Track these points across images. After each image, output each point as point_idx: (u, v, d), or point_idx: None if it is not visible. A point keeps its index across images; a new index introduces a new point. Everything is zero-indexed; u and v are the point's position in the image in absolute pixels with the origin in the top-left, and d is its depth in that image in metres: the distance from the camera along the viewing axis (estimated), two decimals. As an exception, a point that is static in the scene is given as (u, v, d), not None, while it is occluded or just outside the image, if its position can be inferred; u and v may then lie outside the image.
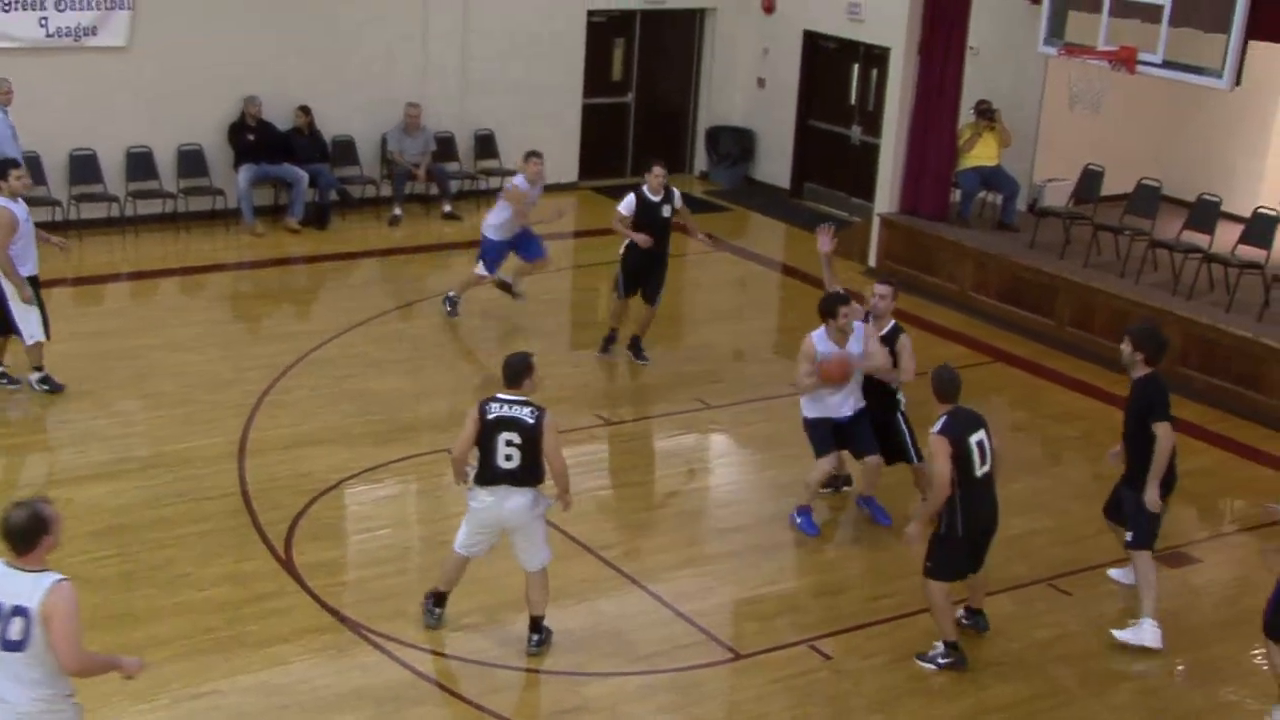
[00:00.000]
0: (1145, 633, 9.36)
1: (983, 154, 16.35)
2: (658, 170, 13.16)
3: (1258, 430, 12.69)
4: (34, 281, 11.76)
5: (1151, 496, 9.17)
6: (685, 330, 14.00)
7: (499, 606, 9.18)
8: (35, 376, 12.06)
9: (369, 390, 12.60)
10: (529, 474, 8.43)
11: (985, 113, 16.35)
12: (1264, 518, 10.88)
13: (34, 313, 11.74)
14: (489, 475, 8.43)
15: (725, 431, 12.56)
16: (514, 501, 8.47)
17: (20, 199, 11.62)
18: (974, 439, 8.69)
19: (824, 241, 11.07)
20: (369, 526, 10.43)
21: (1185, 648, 9.43)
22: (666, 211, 13.21)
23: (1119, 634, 9.41)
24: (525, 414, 8.37)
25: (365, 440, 11.61)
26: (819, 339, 10.22)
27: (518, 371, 8.47)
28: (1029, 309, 15.13)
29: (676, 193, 13.35)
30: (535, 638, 8.83)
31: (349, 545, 10.18)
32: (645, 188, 13.14)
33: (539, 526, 8.66)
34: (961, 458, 8.61)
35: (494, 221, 14.01)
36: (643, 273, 13.30)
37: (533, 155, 14.00)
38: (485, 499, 8.51)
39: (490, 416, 8.38)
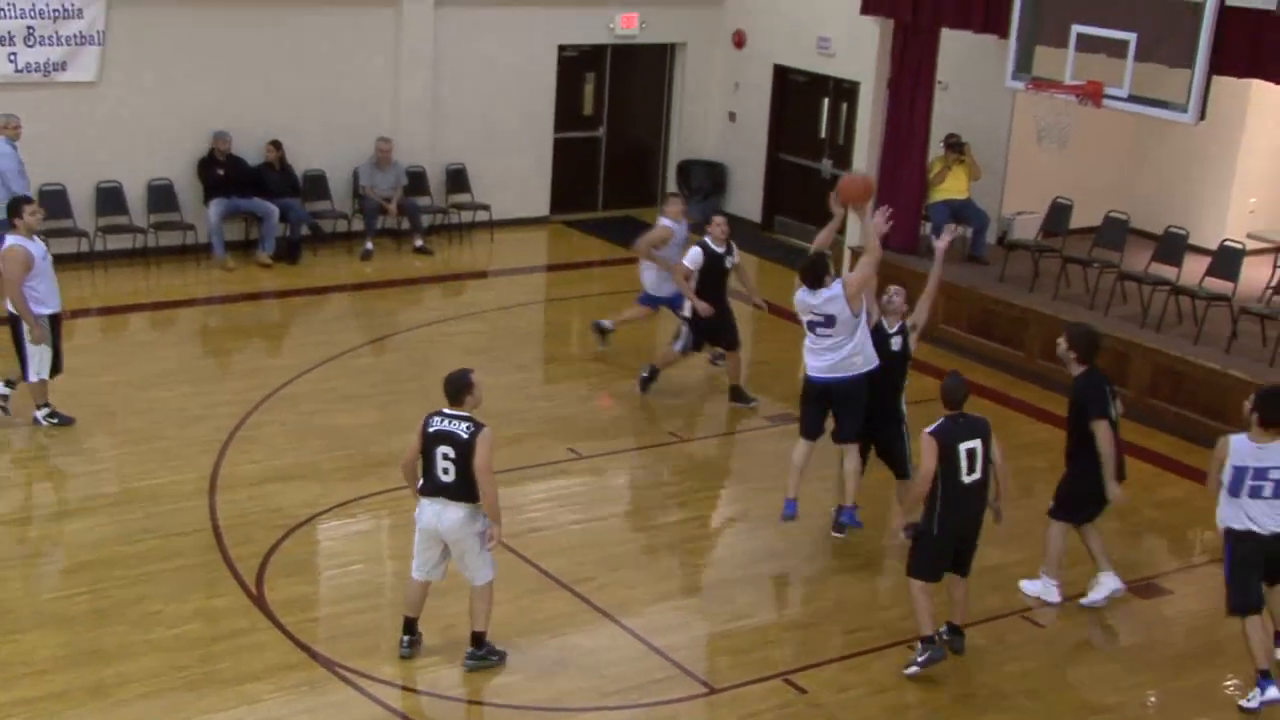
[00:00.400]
0: (1104, 584, 10.08)
1: (952, 187, 16.44)
2: (719, 220, 13.17)
3: (1226, 461, 12.72)
4: (55, 319, 11.78)
5: (1115, 492, 9.77)
6: (658, 364, 14.02)
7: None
8: (42, 413, 12.01)
9: (341, 425, 12.57)
10: (463, 489, 8.57)
11: (954, 146, 16.46)
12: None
13: (46, 352, 11.75)
14: (429, 487, 8.66)
15: (698, 465, 12.55)
16: (451, 515, 8.62)
17: (37, 236, 11.60)
18: (965, 446, 8.92)
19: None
20: (341, 562, 10.38)
21: (1157, 679, 9.46)
22: (729, 264, 13.23)
23: (1086, 600, 10.10)
24: (461, 429, 8.53)
25: (337, 475, 11.57)
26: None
27: (458, 388, 8.66)
28: (999, 341, 15.21)
29: (734, 245, 13.35)
30: (471, 650, 8.90)
31: (321, 581, 10.14)
32: (709, 239, 13.07)
33: (477, 544, 8.73)
34: (948, 462, 8.85)
35: (653, 279, 13.86)
36: (710, 326, 13.27)
37: (672, 195, 14.23)
38: (427, 510, 8.71)
39: (430, 430, 8.61)
